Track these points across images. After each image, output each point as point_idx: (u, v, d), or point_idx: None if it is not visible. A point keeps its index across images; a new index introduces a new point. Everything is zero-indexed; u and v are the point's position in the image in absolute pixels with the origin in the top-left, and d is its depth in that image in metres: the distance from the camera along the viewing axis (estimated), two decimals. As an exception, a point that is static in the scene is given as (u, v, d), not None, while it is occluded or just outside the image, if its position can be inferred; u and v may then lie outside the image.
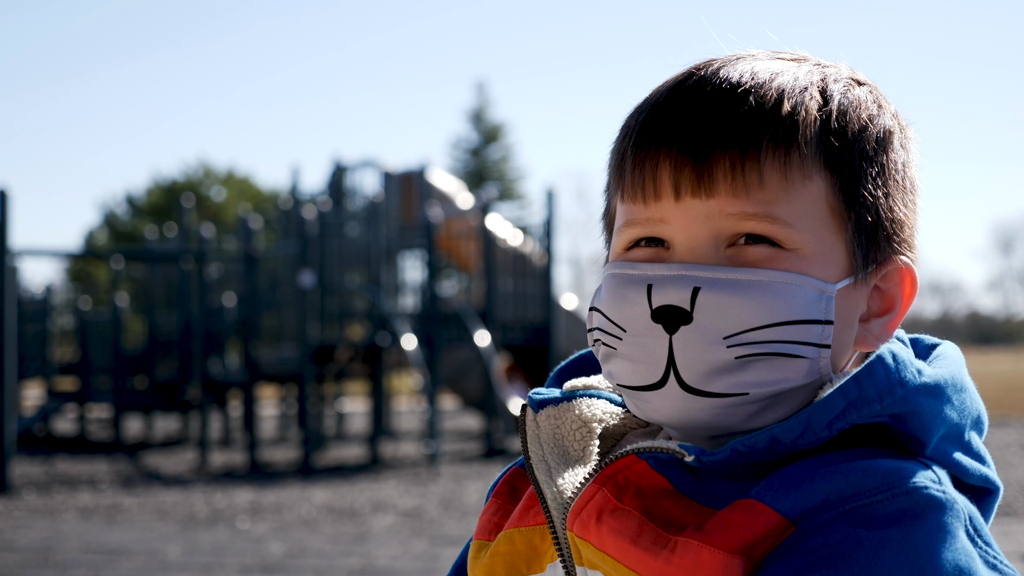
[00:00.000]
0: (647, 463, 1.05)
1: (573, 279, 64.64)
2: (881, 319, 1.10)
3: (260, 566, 8.20)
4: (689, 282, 1.04)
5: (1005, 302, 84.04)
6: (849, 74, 1.13)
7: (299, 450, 15.51)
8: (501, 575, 1.15)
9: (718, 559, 0.98)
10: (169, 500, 11.89)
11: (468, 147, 61.90)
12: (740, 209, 1.05)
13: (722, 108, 1.06)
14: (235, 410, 19.85)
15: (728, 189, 1.05)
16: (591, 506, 1.05)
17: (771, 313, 1.03)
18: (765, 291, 1.03)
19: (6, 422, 12.71)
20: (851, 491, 0.98)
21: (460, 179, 32.51)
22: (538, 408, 1.17)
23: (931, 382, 1.04)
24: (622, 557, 1.02)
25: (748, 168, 1.05)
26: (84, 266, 49.70)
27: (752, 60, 1.11)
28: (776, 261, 1.05)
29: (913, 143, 1.14)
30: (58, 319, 22.33)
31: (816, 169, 1.06)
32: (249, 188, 56.81)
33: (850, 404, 1.01)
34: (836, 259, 1.07)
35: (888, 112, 1.12)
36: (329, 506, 11.25)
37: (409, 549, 8.83)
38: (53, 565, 8.29)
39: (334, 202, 18.97)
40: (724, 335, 1.03)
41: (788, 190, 1.05)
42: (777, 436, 1.01)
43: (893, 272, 1.10)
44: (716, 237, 1.06)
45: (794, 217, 1.05)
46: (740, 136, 1.05)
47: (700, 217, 1.05)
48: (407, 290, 18.14)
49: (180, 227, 19.93)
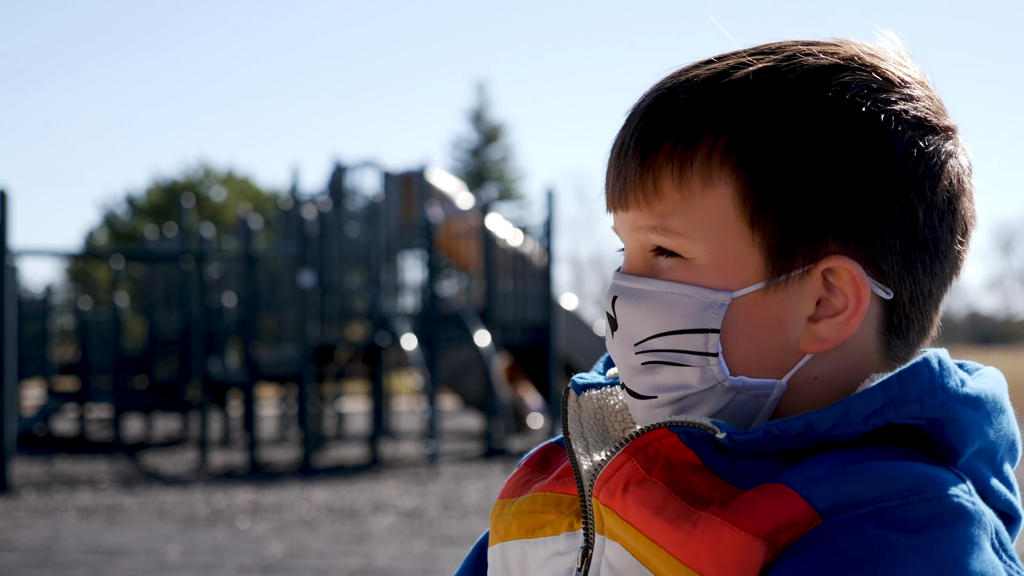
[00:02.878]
0: (678, 437, 1.05)
1: (573, 279, 64.73)
2: (833, 320, 1.06)
3: (260, 566, 8.20)
4: (613, 291, 1.11)
5: (1005, 302, 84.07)
6: (834, 60, 1.05)
7: (299, 450, 15.51)
8: (515, 529, 1.16)
9: (739, 539, 0.97)
10: (169, 500, 11.89)
11: (468, 147, 61.92)
12: (645, 222, 1.07)
13: (643, 119, 1.08)
14: (235, 410, 19.84)
15: (635, 201, 1.08)
16: (619, 475, 1.05)
17: (659, 323, 1.07)
18: (654, 301, 1.07)
19: (6, 422, 12.71)
20: (883, 491, 0.98)
21: (460, 179, 32.52)
22: (580, 391, 1.19)
23: (973, 394, 1.03)
24: (644, 527, 1.02)
25: (645, 178, 1.06)
26: (84, 266, 49.71)
27: (716, 64, 1.08)
28: (674, 272, 1.07)
29: (896, 130, 1.04)
30: (58, 319, 22.33)
31: (722, 174, 1.04)
32: (249, 188, 56.81)
33: (890, 401, 1.00)
34: (744, 264, 1.05)
35: (852, 106, 1.03)
36: (329, 506, 11.25)
37: (409, 549, 8.83)
38: (53, 565, 8.29)
39: (334, 202, 18.97)
40: (634, 341, 1.09)
41: (685, 200, 1.05)
42: (812, 423, 1.01)
43: (840, 270, 1.05)
44: (642, 247, 1.09)
45: (689, 228, 1.05)
46: (644, 146, 1.07)
47: (627, 228, 1.10)
48: (407, 290, 18.13)
49: (180, 227, 19.93)
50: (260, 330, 17.12)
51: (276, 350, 17.27)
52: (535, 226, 18.36)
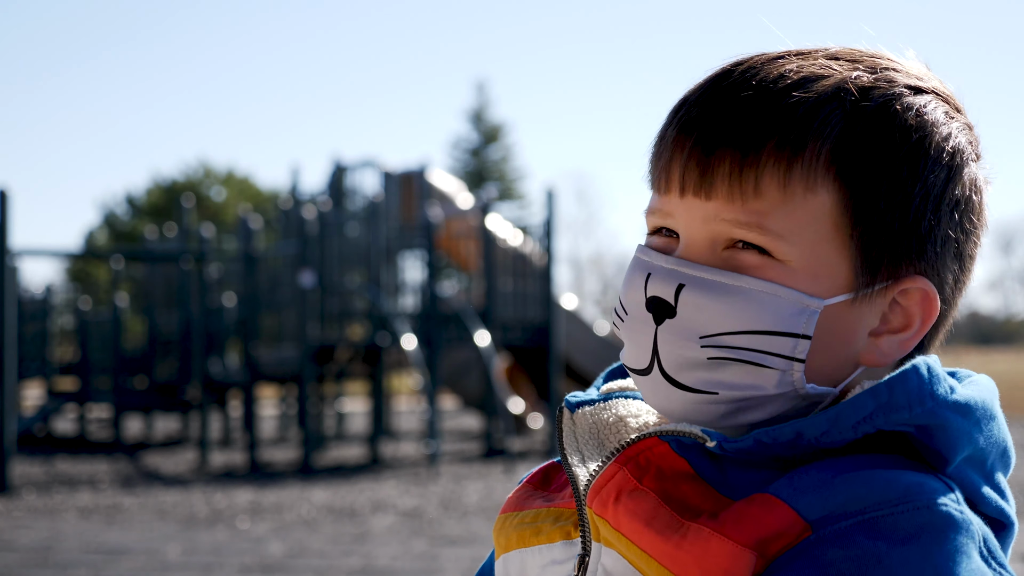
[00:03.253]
0: (669, 446, 1.06)
1: (573, 279, 64.71)
2: (895, 336, 1.09)
3: (260, 566, 8.20)
4: (676, 278, 1.07)
5: (1005, 302, 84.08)
6: (909, 80, 1.09)
7: (299, 450, 15.52)
8: (514, 540, 1.17)
9: (727, 548, 0.98)
10: (169, 500, 11.89)
11: (468, 147, 61.93)
12: (734, 216, 1.05)
13: (737, 109, 1.06)
14: (235, 410, 19.85)
15: (725, 193, 1.05)
16: (611, 485, 1.06)
17: (745, 320, 1.04)
18: (743, 298, 1.04)
19: (6, 422, 12.72)
20: (871, 500, 0.98)
21: (460, 179, 32.50)
22: (574, 409, 1.19)
23: (962, 401, 1.04)
24: (635, 538, 1.03)
25: (746, 174, 1.04)
26: (84, 266, 49.73)
27: (796, 60, 1.08)
28: (763, 270, 1.05)
29: (971, 160, 1.10)
30: (58, 319, 22.33)
31: (824, 181, 1.04)
32: (249, 188, 56.82)
33: (879, 408, 1.01)
34: (834, 273, 1.05)
35: (940, 126, 1.07)
36: (329, 506, 11.25)
37: (409, 549, 8.84)
38: (53, 565, 8.30)
39: (334, 202, 18.96)
40: (700, 334, 1.05)
41: (786, 201, 1.04)
42: (801, 431, 1.01)
43: (913, 291, 1.08)
44: (714, 239, 1.07)
45: (788, 229, 1.04)
46: (744, 140, 1.04)
47: (699, 217, 1.07)
48: (407, 290, 18.13)
49: (180, 227, 19.94)
50: (260, 330, 17.12)
51: (276, 350, 17.28)
52: (535, 226, 18.36)
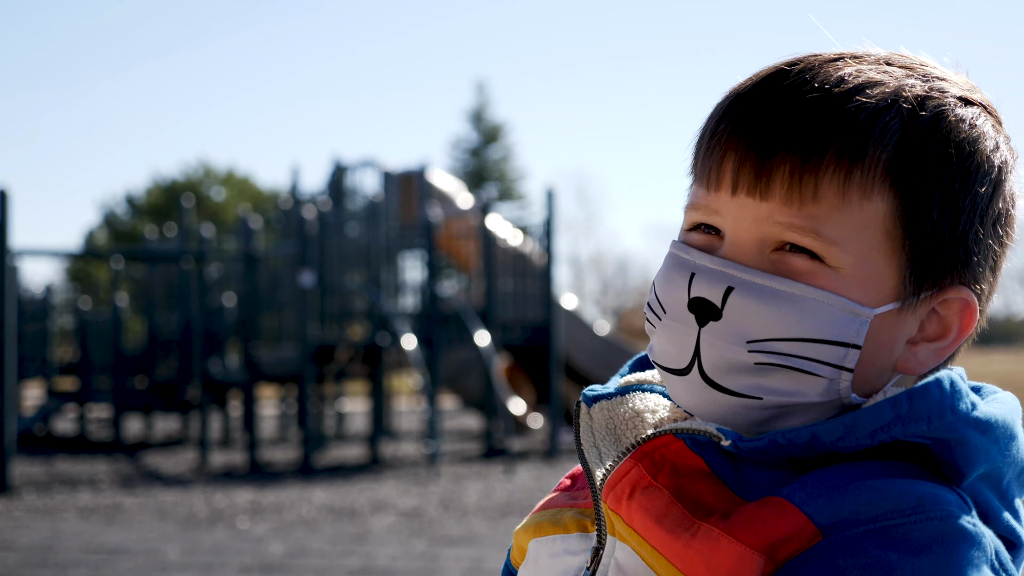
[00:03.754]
0: (684, 443, 1.05)
1: (573, 279, 64.67)
2: (932, 344, 1.08)
3: (260, 566, 8.20)
4: (725, 280, 1.05)
5: (1005, 302, 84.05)
6: (959, 91, 1.09)
7: (299, 450, 15.52)
8: (532, 531, 1.19)
9: (735, 550, 0.98)
10: (169, 500, 11.89)
11: (468, 147, 61.92)
12: (788, 219, 1.04)
13: (797, 111, 1.05)
14: (235, 410, 19.85)
15: (782, 196, 1.04)
16: (625, 481, 1.06)
17: (796, 327, 1.03)
18: (795, 304, 1.03)
19: (6, 422, 12.72)
20: (884, 509, 0.98)
21: (460, 179, 32.51)
22: (591, 403, 1.19)
23: (983, 418, 1.03)
24: (646, 534, 1.03)
25: (805, 178, 1.03)
26: (84, 266, 49.71)
27: (852, 63, 1.08)
28: (815, 276, 1.04)
29: (1013, 174, 1.10)
30: (58, 319, 22.34)
31: (880, 190, 1.04)
32: (249, 188, 56.83)
33: (898, 418, 1.01)
34: (882, 283, 1.05)
35: (986, 138, 1.08)
36: (329, 506, 11.25)
37: (409, 549, 8.84)
38: (53, 565, 8.30)
39: (334, 202, 18.97)
40: (748, 339, 1.04)
41: (843, 208, 1.04)
42: (818, 434, 1.01)
43: (954, 300, 1.08)
44: (763, 240, 1.06)
45: (842, 236, 1.03)
46: (805, 143, 1.04)
47: (750, 217, 1.06)
48: (407, 290, 18.14)
49: (180, 227, 19.94)
50: (260, 330, 17.12)
51: (276, 350, 17.28)
52: (535, 226, 18.37)
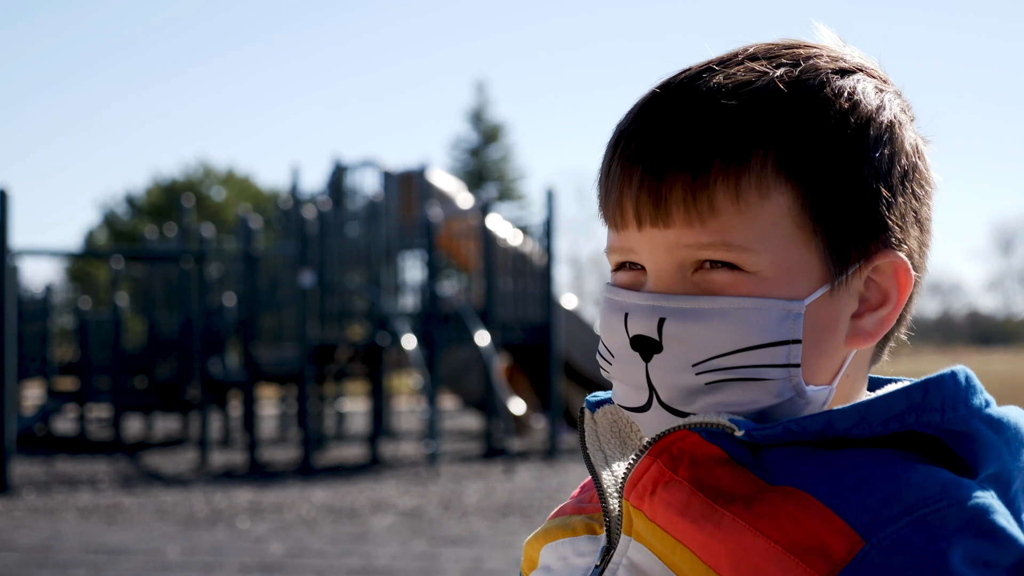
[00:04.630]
0: (699, 435, 1.05)
1: (573, 279, 64.68)
2: (876, 313, 1.09)
3: (260, 566, 8.20)
4: (656, 313, 1.06)
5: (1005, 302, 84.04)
6: (832, 64, 1.09)
7: (299, 450, 15.52)
8: (542, 537, 1.19)
9: (760, 544, 0.98)
10: (169, 500, 11.89)
11: (468, 147, 61.92)
12: (695, 239, 1.05)
13: (676, 134, 1.05)
14: (235, 410, 19.86)
15: (682, 219, 1.05)
16: (647, 477, 1.06)
17: (734, 340, 1.04)
18: (726, 318, 1.04)
19: (6, 422, 12.72)
20: (912, 498, 0.98)
21: (460, 179, 32.52)
22: (595, 409, 1.20)
23: (995, 416, 1.04)
24: (670, 528, 1.03)
25: (699, 196, 1.04)
26: (84, 266, 49.71)
27: (721, 69, 1.08)
28: (738, 286, 1.04)
29: (908, 127, 1.10)
30: (58, 319, 22.33)
31: (775, 184, 1.04)
32: (249, 188, 56.82)
33: (911, 407, 1.02)
34: (807, 271, 1.05)
35: (870, 102, 1.08)
36: (329, 506, 11.25)
37: (409, 549, 8.84)
38: (53, 565, 8.30)
39: (334, 202, 18.98)
40: (692, 363, 1.05)
41: (743, 213, 1.04)
42: (832, 422, 1.02)
43: (884, 265, 1.08)
44: (680, 265, 1.06)
45: (752, 240, 1.04)
46: (691, 162, 1.03)
47: (661, 247, 1.06)
48: (407, 290, 18.14)
49: (180, 227, 19.95)
50: (260, 330, 17.12)
51: (276, 350, 17.28)
52: (535, 226, 18.37)
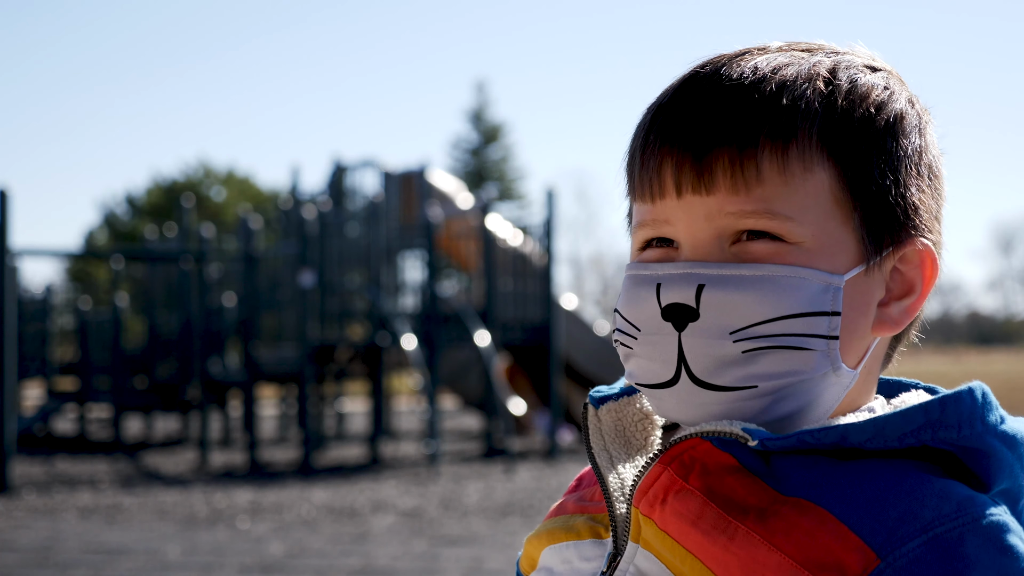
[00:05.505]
0: (711, 443, 1.05)
1: (573, 279, 64.66)
2: (901, 302, 1.10)
3: (260, 566, 8.20)
4: (694, 280, 1.06)
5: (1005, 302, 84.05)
6: (863, 61, 1.13)
7: (299, 450, 15.52)
8: (545, 540, 1.19)
9: (774, 559, 0.98)
10: (169, 500, 11.89)
11: (468, 147, 61.93)
12: (739, 207, 1.05)
13: (722, 105, 1.07)
14: (235, 410, 19.85)
15: (727, 186, 1.06)
16: (657, 486, 1.06)
17: (776, 307, 1.04)
18: (769, 285, 1.04)
19: (6, 422, 12.72)
20: (929, 516, 0.98)
21: (460, 179, 32.52)
22: (598, 405, 1.19)
23: (1010, 432, 1.04)
24: (681, 538, 1.03)
25: (746, 164, 1.05)
26: (84, 266, 49.73)
27: (758, 55, 1.11)
28: (780, 256, 1.05)
29: (930, 127, 1.14)
30: (58, 319, 22.32)
31: (818, 160, 1.06)
32: (249, 188, 56.83)
33: (928, 423, 1.02)
34: (845, 249, 1.07)
35: (902, 97, 1.12)
36: (329, 506, 11.25)
37: (409, 549, 8.84)
38: (53, 565, 8.30)
39: (334, 202, 18.97)
40: (730, 330, 1.05)
41: (788, 184, 1.06)
42: (847, 435, 1.02)
43: (912, 254, 1.10)
44: (719, 235, 1.07)
45: (795, 211, 1.05)
46: (738, 132, 1.06)
47: (702, 215, 1.07)
48: (407, 290, 18.14)
49: (180, 227, 19.95)
50: (260, 330, 17.12)
51: (276, 350, 17.28)
52: (535, 226, 18.37)
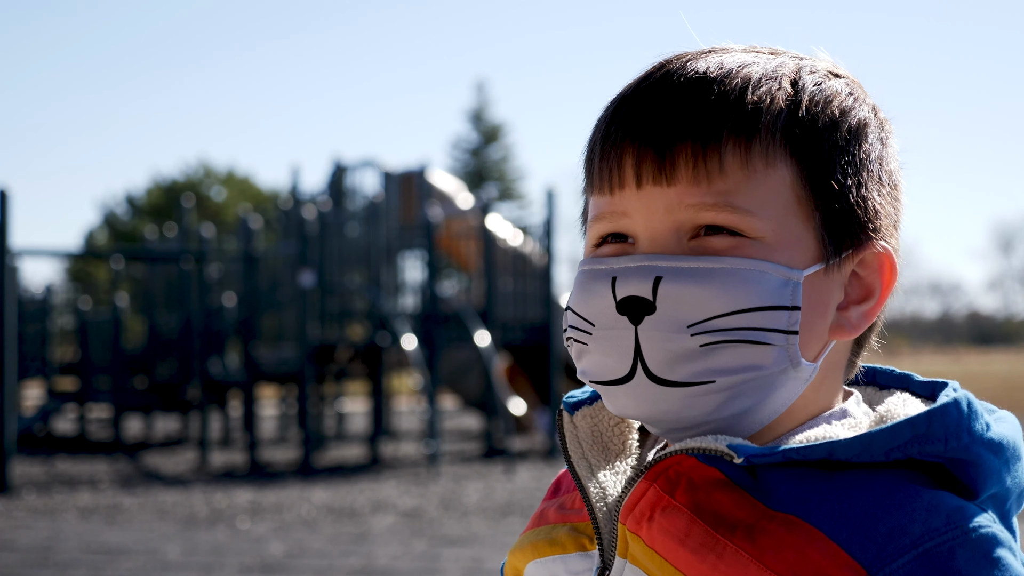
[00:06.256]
0: (696, 458, 1.04)
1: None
2: (860, 306, 1.09)
3: (260, 566, 8.20)
4: (651, 272, 1.04)
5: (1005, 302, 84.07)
6: (826, 67, 1.12)
7: (299, 450, 15.52)
8: (529, 553, 1.17)
9: None
10: (169, 500, 11.89)
11: (468, 147, 61.92)
12: (700, 199, 1.04)
13: (686, 98, 1.06)
14: (235, 410, 19.85)
15: (689, 177, 1.04)
16: (644, 503, 1.04)
17: (735, 300, 1.02)
18: (728, 278, 1.03)
19: (6, 422, 12.72)
20: (918, 531, 0.98)
21: (460, 179, 32.49)
22: (573, 411, 1.18)
23: (996, 439, 1.04)
24: (670, 556, 1.02)
25: (709, 157, 1.04)
26: (84, 266, 49.71)
27: (724, 53, 1.10)
28: (739, 250, 1.04)
29: (892, 138, 1.13)
30: (58, 319, 22.32)
31: (781, 157, 1.05)
32: (249, 188, 56.82)
33: (915, 438, 1.01)
34: (804, 246, 1.06)
35: (865, 105, 1.11)
36: (329, 506, 11.25)
37: (409, 549, 8.84)
38: (53, 565, 8.30)
39: (334, 202, 18.96)
40: (688, 323, 1.03)
41: (750, 178, 1.04)
42: (833, 452, 1.01)
43: (871, 258, 1.08)
44: (678, 229, 1.05)
45: (756, 205, 1.04)
46: (702, 125, 1.05)
47: (661, 208, 1.05)
48: (407, 290, 18.14)
49: (180, 227, 19.94)
50: (260, 330, 17.11)
51: (276, 350, 17.27)
52: (535, 226, 18.37)
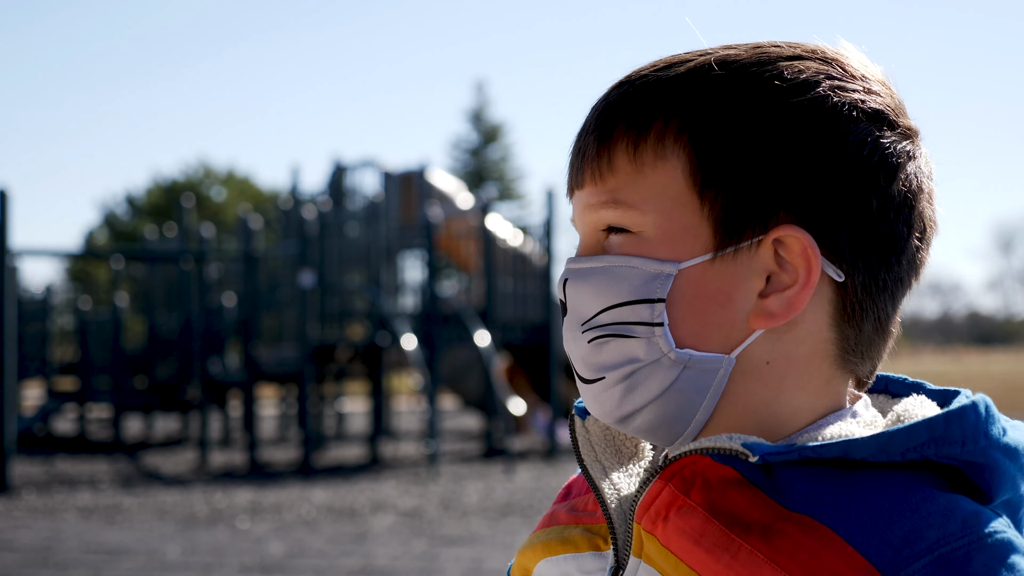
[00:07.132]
0: (711, 457, 1.04)
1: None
2: (783, 294, 1.06)
3: (260, 566, 8.20)
4: (564, 275, 1.12)
5: (1005, 302, 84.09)
6: (793, 52, 1.07)
7: (299, 450, 15.52)
8: (540, 552, 1.18)
9: None
10: (169, 500, 11.89)
11: (468, 147, 61.91)
12: (596, 198, 1.09)
13: (602, 103, 1.11)
14: (235, 410, 19.85)
15: (589, 178, 1.09)
16: (659, 502, 1.05)
17: (607, 297, 1.07)
18: (601, 276, 1.08)
19: (6, 422, 12.72)
20: (934, 535, 0.98)
21: (460, 179, 32.53)
22: (584, 415, 1.19)
23: (1012, 444, 1.04)
24: (685, 556, 1.02)
25: (601, 155, 1.08)
26: (84, 266, 49.74)
27: (696, 52, 1.10)
28: (624, 246, 1.07)
29: (856, 125, 1.05)
30: (58, 319, 22.33)
31: (674, 149, 1.06)
32: (249, 188, 56.83)
33: (932, 439, 1.01)
34: (694, 237, 1.05)
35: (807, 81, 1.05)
36: (329, 506, 11.25)
37: (409, 549, 8.84)
38: (53, 565, 8.30)
39: (334, 202, 18.97)
40: (581, 321, 1.09)
41: (638, 173, 1.07)
42: (849, 451, 1.02)
43: (790, 242, 1.05)
44: (594, 228, 1.10)
45: (640, 199, 1.06)
46: (602, 126, 1.09)
47: (581, 210, 1.11)
48: (407, 290, 18.14)
49: (180, 227, 19.94)
50: (260, 330, 17.12)
51: (276, 350, 17.28)
52: (535, 226, 18.38)
